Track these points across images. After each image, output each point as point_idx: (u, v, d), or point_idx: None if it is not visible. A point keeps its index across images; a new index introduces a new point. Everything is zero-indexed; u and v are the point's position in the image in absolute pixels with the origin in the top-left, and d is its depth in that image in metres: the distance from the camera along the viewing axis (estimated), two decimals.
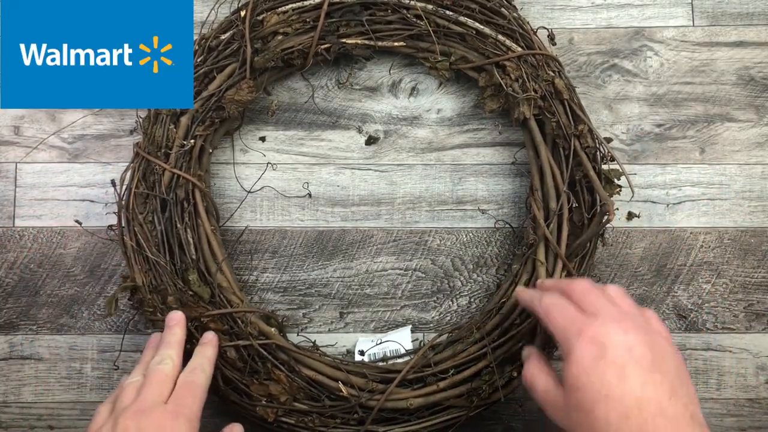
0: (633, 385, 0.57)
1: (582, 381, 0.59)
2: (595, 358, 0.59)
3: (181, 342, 0.77)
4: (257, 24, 0.85)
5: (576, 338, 0.61)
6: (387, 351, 0.86)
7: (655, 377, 0.58)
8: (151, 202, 0.82)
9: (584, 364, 0.59)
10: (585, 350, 0.60)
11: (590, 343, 0.60)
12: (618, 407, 0.57)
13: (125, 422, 0.66)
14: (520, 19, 0.85)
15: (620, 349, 0.59)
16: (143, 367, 0.75)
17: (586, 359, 0.59)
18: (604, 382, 0.58)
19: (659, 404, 0.57)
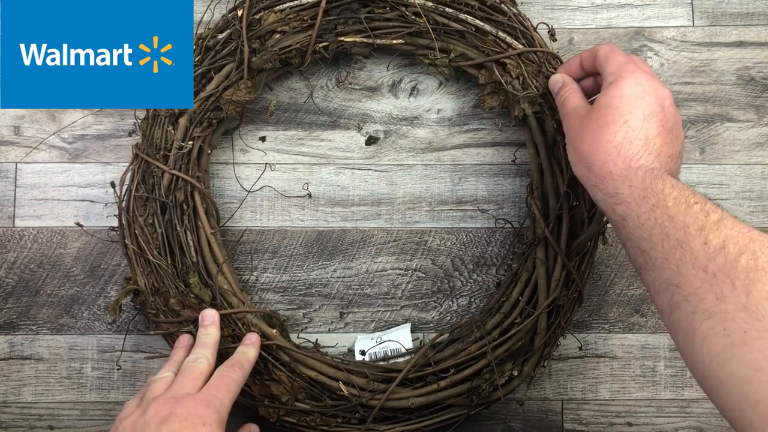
0: (650, 128, 0.66)
1: (615, 102, 0.67)
2: (635, 96, 0.67)
3: (217, 343, 0.78)
4: (254, 23, 0.84)
5: (629, 74, 0.68)
6: (388, 350, 0.86)
7: (667, 138, 0.66)
8: (151, 205, 0.82)
9: (625, 93, 0.67)
10: (632, 86, 0.68)
11: (637, 84, 0.68)
12: (629, 133, 0.65)
13: (156, 407, 0.67)
14: (521, 16, 0.85)
15: (657, 102, 0.67)
16: (173, 365, 0.75)
17: (629, 91, 0.67)
18: (632, 112, 0.66)
19: (659, 152, 0.65)
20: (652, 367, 0.89)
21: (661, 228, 0.58)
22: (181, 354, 0.77)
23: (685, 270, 0.54)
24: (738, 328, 0.48)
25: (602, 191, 0.65)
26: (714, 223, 0.55)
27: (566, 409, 0.88)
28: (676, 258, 0.56)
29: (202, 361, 0.74)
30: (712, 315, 0.51)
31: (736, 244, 0.52)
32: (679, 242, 0.56)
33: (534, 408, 0.88)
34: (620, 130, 0.66)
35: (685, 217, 0.56)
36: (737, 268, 0.50)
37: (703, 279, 0.52)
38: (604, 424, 0.88)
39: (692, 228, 0.55)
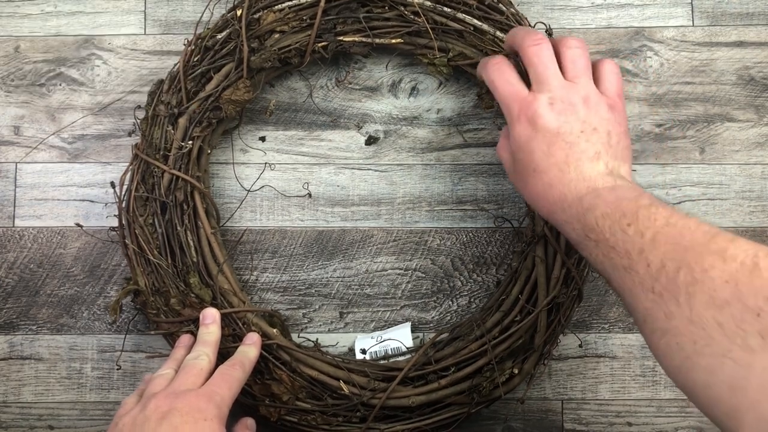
0: (557, 156, 0.65)
1: (518, 156, 0.68)
2: (528, 138, 0.67)
3: (218, 341, 0.78)
4: (253, 22, 0.85)
5: (515, 119, 0.68)
6: (388, 349, 0.86)
7: (581, 144, 0.65)
8: (151, 205, 0.82)
9: (520, 141, 0.68)
10: (521, 130, 0.67)
11: (524, 123, 0.67)
12: (544, 178, 0.66)
13: (157, 402, 0.67)
14: (518, 15, 0.85)
15: (551, 124, 0.66)
16: (174, 363, 0.75)
17: (521, 137, 0.67)
18: (533, 159, 0.66)
19: (579, 170, 0.65)
20: (652, 367, 0.89)
21: (609, 260, 0.60)
22: (181, 353, 0.77)
23: (637, 293, 0.57)
24: (689, 341, 0.51)
25: (556, 220, 0.67)
26: (649, 242, 0.56)
27: (566, 409, 0.88)
28: (627, 285, 0.58)
29: (203, 359, 0.74)
30: (666, 332, 0.54)
31: (672, 260, 0.54)
32: (626, 269, 0.58)
33: (534, 408, 0.88)
34: (537, 181, 0.67)
35: (624, 244, 0.58)
36: (677, 284, 0.52)
37: (653, 300, 0.55)
38: (604, 424, 0.88)
39: (633, 253, 0.57)
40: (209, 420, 0.65)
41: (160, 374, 0.73)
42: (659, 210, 0.59)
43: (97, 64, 0.92)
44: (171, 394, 0.67)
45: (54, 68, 0.91)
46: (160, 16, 0.92)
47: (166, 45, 0.92)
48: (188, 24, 0.92)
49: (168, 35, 0.92)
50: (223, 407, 0.68)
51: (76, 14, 0.92)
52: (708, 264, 0.51)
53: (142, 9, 0.93)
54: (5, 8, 0.92)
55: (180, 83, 0.83)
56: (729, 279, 0.50)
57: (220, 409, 0.67)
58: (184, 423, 0.64)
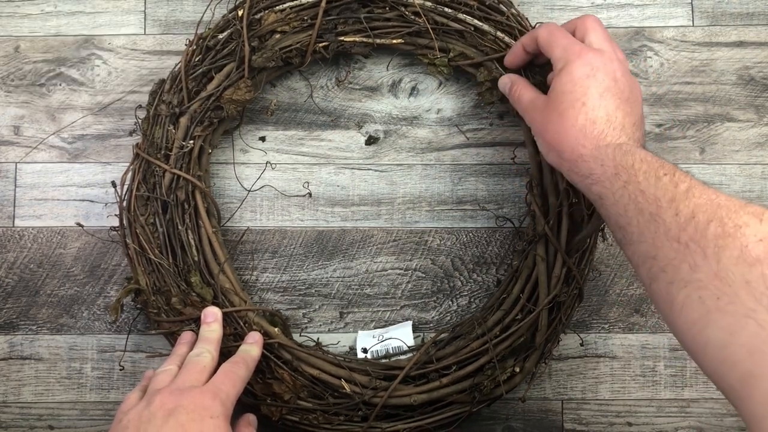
0: (608, 104, 0.67)
1: (569, 87, 0.69)
2: (587, 76, 0.68)
3: (219, 339, 0.78)
4: (255, 23, 0.85)
5: (576, 57, 0.69)
6: (389, 348, 0.86)
7: (627, 108, 0.68)
8: (152, 204, 0.82)
9: (576, 76, 0.68)
10: (581, 68, 0.69)
11: (586, 64, 0.69)
12: (590, 114, 0.67)
13: (162, 399, 0.66)
14: (519, 15, 0.85)
15: (609, 76, 0.68)
16: (176, 359, 0.75)
17: (579, 73, 0.68)
18: (587, 93, 0.67)
19: (622, 125, 0.66)
20: (652, 367, 0.89)
21: (635, 203, 0.59)
22: (183, 349, 0.77)
23: (660, 242, 0.56)
24: (711, 295, 0.50)
25: (577, 174, 0.67)
26: (683, 192, 0.56)
27: (566, 408, 0.88)
28: (651, 231, 0.57)
29: (206, 356, 0.74)
30: (688, 284, 0.52)
31: (704, 212, 0.53)
32: (653, 216, 0.57)
33: (534, 408, 0.88)
34: (580, 113, 0.67)
35: (655, 191, 0.58)
36: (707, 237, 0.51)
37: (676, 250, 0.54)
38: (604, 424, 0.88)
39: (663, 200, 0.57)
40: (215, 417, 0.65)
41: (163, 370, 0.73)
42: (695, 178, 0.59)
43: (97, 64, 0.92)
44: (176, 391, 0.67)
45: (54, 68, 0.91)
46: (160, 16, 0.92)
47: (166, 45, 0.92)
48: (188, 24, 0.92)
49: (168, 35, 0.92)
50: (228, 404, 0.68)
51: (76, 14, 0.92)
52: (743, 221, 0.51)
53: (142, 9, 0.93)
54: (5, 8, 0.92)
55: (181, 83, 0.83)
56: (764, 238, 0.49)
57: (225, 406, 0.67)
58: (191, 420, 0.64)
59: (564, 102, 0.69)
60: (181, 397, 0.66)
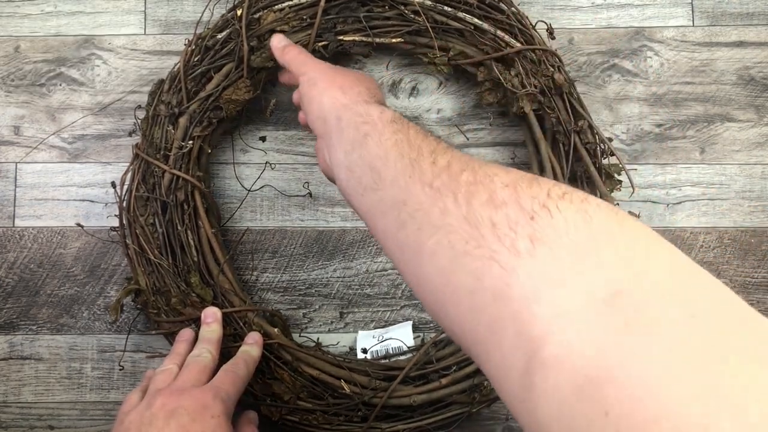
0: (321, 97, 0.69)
1: (303, 101, 0.72)
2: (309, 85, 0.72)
3: (220, 340, 0.78)
4: (254, 22, 0.85)
5: (301, 78, 0.74)
6: (389, 348, 0.86)
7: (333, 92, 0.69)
8: (151, 204, 0.82)
9: (303, 90, 0.72)
10: (305, 83, 0.72)
11: (308, 79, 0.72)
12: (317, 111, 0.69)
13: (163, 400, 0.66)
14: (519, 14, 0.85)
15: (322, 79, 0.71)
16: (176, 357, 0.75)
17: (305, 87, 0.72)
18: (312, 101, 0.70)
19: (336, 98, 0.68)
20: None
21: (399, 148, 0.58)
22: (183, 347, 0.77)
23: (413, 187, 0.54)
24: (461, 239, 0.48)
25: (352, 111, 0.66)
26: (444, 148, 0.55)
27: None
28: (405, 176, 0.55)
29: (207, 356, 0.74)
30: (438, 229, 0.50)
31: (459, 162, 0.52)
32: (411, 161, 0.55)
33: None
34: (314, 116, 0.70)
35: (421, 142, 0.57)
36: (459, 182, 0.50)
37: (428, 194, 0.52)
38: None
39: (425, 150, 0.56)
40: (216, 417, 0.65)
41: (163, 369, 0.73)
42: None
43: (97, 64, 0.92)
44: (176, 391, 0.67)
45: (54, 68, 0.91)
46: (160, 16, 0.92)
47: (166, 45, 0.92)
48: (188, 24, 0.92)
49: (168, 35, 0.92)
50: (229, 404, 0.68)
51: (76, 14, 0.92)
52: (492, 171, 0.49)
53: (142, 9, 0.93)
54: (5, 8, 0.92)
55: (180, 83, 0.83)
56: (509, 183, 0.48)
57: (226, 405, 0.67)
58: (192, 421, 0.64)
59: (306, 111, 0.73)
60: (181, 398, 0.66)
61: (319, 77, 0.72)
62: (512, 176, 0.48)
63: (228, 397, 0.68)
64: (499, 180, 0.48)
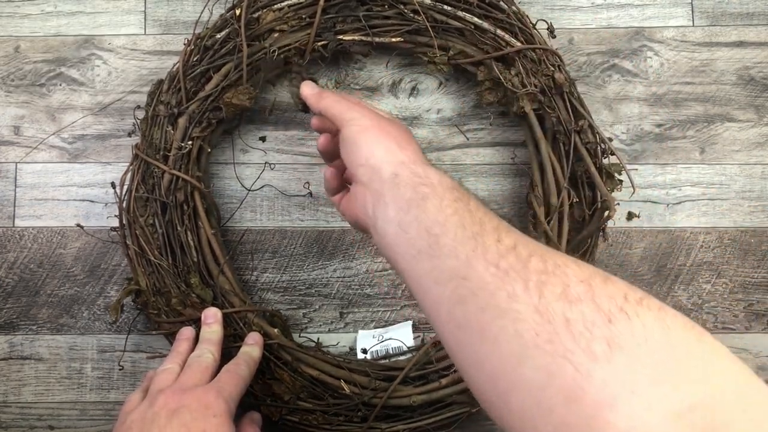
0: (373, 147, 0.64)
1: (347, 144, 0.66)
2: (358, 131, 0.65)
3: (221, 340, 0.78)
4: (253, 22, 0.85)
5: (347, 122, 0.67)
6: (389, 348, 0.86)
7: (388, 144, 0.64)
8: (151, 205, 0.82)
9: (350, 135, 0.65)
10: (353, 127, 0.66)
11: (357, 125, 0.66)
12: (365, 160, 0.63)
13: (165, 399, 0.66)
14: (519, 13, 0.85)
15: (375, 128, 0.66)
16: (177, 357, 0.75)
17: (352, 132, 0.65)
18: (361, 148, 0.64)
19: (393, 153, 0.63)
20: None
21: (460, 218, 0.55)
22: (184, 346, 0.77)
23: (476, 263, 0.51)
24: (529, 329, 0.46)
25: (410, 169, 0.62)
26: (506, 227, 0.54)
27: None
28: (467, 248, 0.53)
29: (208, 356, 0.74)
30: (504, 313, 0.48)
31: (525, 245, 0.51)
32: (474, 235, 0.53)
33: None
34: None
35: (483, 216, 0.55)
36: (528, 269, 0.48)
37: (493, 275, 0.50)
38: None
39: (488, 225, 0.54)
40: (218, 416, 0.65)
41: (164, 369, 0.73)
42: None
43: (97, 64, 0.91)
44: (178, 391, 0.67)
45: (54, 68, 0.91)
46: (160, 16, 0.92)
47: (166, 45, 0.92)
48: (188, 24, 0.92)
49: (168, 35, 0.92)
50: (231, 403, 0.68)
51: (76, 14, 0.92)
52: (561, 261, 0.48)
53: (142, 9, 0.92)
54: (5, 8, 0.92)
55: (179, 83, 0.83)
56: (584, 279, 0.46)
57: (228, 404, 0.67)
58: (194, 420, 0.64)
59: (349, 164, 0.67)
60: (184, 397, 0.66)
61: (371, 125, 0.66)
62: (585, 271, 0.47)
63: (230, 397, 0.68)
64: (573, 273, 0.47)
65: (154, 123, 0.84)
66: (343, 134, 0.67)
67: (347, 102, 0.70)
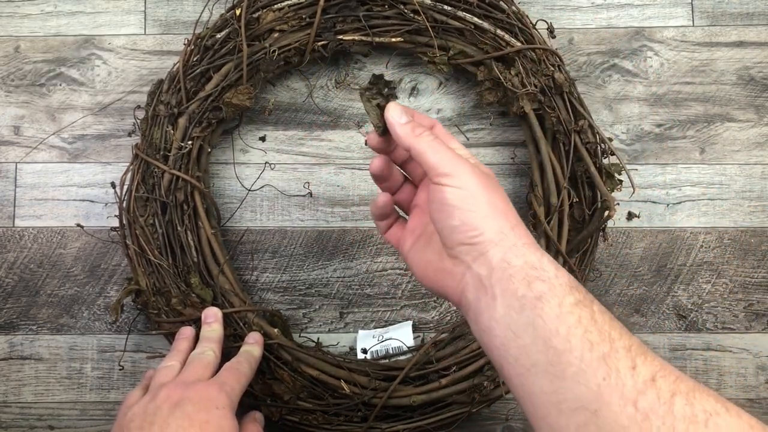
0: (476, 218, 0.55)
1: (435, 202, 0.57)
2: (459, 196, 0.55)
3: (221, 339, 0.78)
4: (253, 22, 0.85)
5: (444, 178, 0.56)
6: (389, 348, 0.86)
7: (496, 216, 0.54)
8: (151, 205, 0.82)
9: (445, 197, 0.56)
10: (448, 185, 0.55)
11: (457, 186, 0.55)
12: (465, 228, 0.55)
13: (167, 392, 0.67)
14: (519, 13, 0.85)
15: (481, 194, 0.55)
16: (177, 354, 0.75)
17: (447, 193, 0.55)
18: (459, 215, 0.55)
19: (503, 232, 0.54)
20: None
21: (585, 331, 0.48)
22: (184, 345, 0.77)
23: (609, 397, 0.44)
24: None
25: (523, 257, 0.53)
26: (638, 346, 0.47)
27: None
28: (598, 376, 0.45)
29: (209, 354, 0.74)
30: None
31: (666, 379, 0.44)
32: (604, 358, 0.46)
33: None
34: None
35: (610, 329, 0.48)
36: (674, 414, 0.42)
37: (632, 417, 0.43)
38: None
39: (618, 343, 0.47)
40: (221, 408, 0.65)
41: (165, 366, 0.73)
42: None
43: (97, 64, 0.91)
44: (181, 384, 0.67)
45: (54, 68, 0.91)
46: (160, 16, 0.92)
47: (166, 45, 0.92)
48: (188, 24, 0.92)
49: (168, 35, 0.92)
50: (233, 398, 0.68)
51: (76, 14, 0.92)
52: (711, 407, 0.43)
53: (142, 9, 0.92)
54: (5, 8, 0.92)
55: (180, 83, 0.83)
56: None
57: (231, 399, 0.68)
58: (198, 411, 0.64)
59: None
60: (186, 390, 0.66)
61: (476, 190, 0.55)
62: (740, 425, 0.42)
63: (232, 392, 0.68)
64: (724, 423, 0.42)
65: (154, 123, 0.84)
66: (437, 193, 0.56)
67: (447, 151, 0.58)
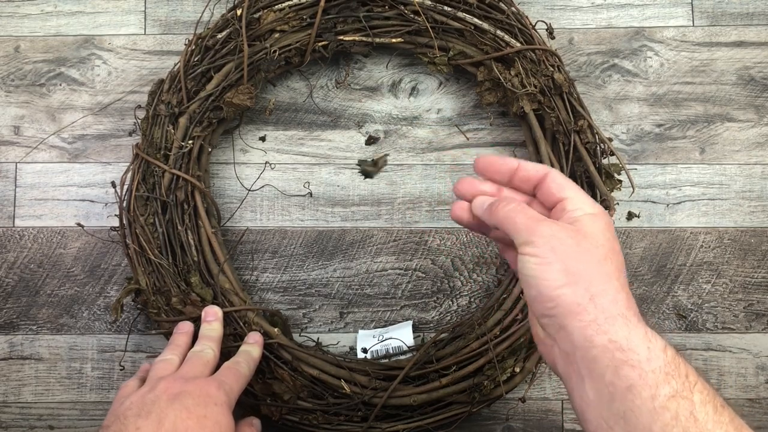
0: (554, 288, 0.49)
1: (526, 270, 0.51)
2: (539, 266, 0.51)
3: (220, 338, 0.78)
4: (253, 22, 0.85)
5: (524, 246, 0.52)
6: (389, 348, 0.86)
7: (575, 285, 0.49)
8: (151, 204, 0.82)
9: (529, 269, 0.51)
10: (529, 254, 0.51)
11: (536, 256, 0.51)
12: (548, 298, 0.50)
13: (166, 384, 0.66)
14: (519, 14, 0.85)
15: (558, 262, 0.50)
16: (175, 348, 0.75)
17: (529, 263, 0.51)
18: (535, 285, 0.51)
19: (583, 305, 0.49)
20: None
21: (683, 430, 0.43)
22: (183, 339, 0.77)
23: None
24: None
25: (605, 334, 0.47)
26: None
27: (566, 408, 0.88)
28: None
29: (209, 352, 0.74)
30: None
31: None
32: None
33: (534, 408, 0.88)
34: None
35: (714, 426, 0.42)
36: None
37: None
38: None
39: None
40: (219, 405, 0.65)
41: (163, 359, 0.73)
42: None
43: (97, 64, 0.92)
44: (180, 379, 0.67)
45: (54, 68, 0.91)
46: (160, 16, 0.92)
47: (166, 45, 0.92)
48: (188, 24, 0.92)
49: (168, 35, 0.92)
50: (232, 396, 0.68)
51: (76, 14, 0.92)
52: None
53: (142, 9, 0.93)
54: (5, 8, 0.92)
55: (180, 83, 0.83)
56: None
57: (229, 397, 0.67)
58: (196, 405, 0.64)
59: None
60: (186, 384, 0.66)
61: (554, 257, 0.50)
62: None
63: (231, 390, 0.68)
64: None
65: (154, 122, 0.84)
66: (518, 263, 0.52)
67: (524, 217, 0.53)
